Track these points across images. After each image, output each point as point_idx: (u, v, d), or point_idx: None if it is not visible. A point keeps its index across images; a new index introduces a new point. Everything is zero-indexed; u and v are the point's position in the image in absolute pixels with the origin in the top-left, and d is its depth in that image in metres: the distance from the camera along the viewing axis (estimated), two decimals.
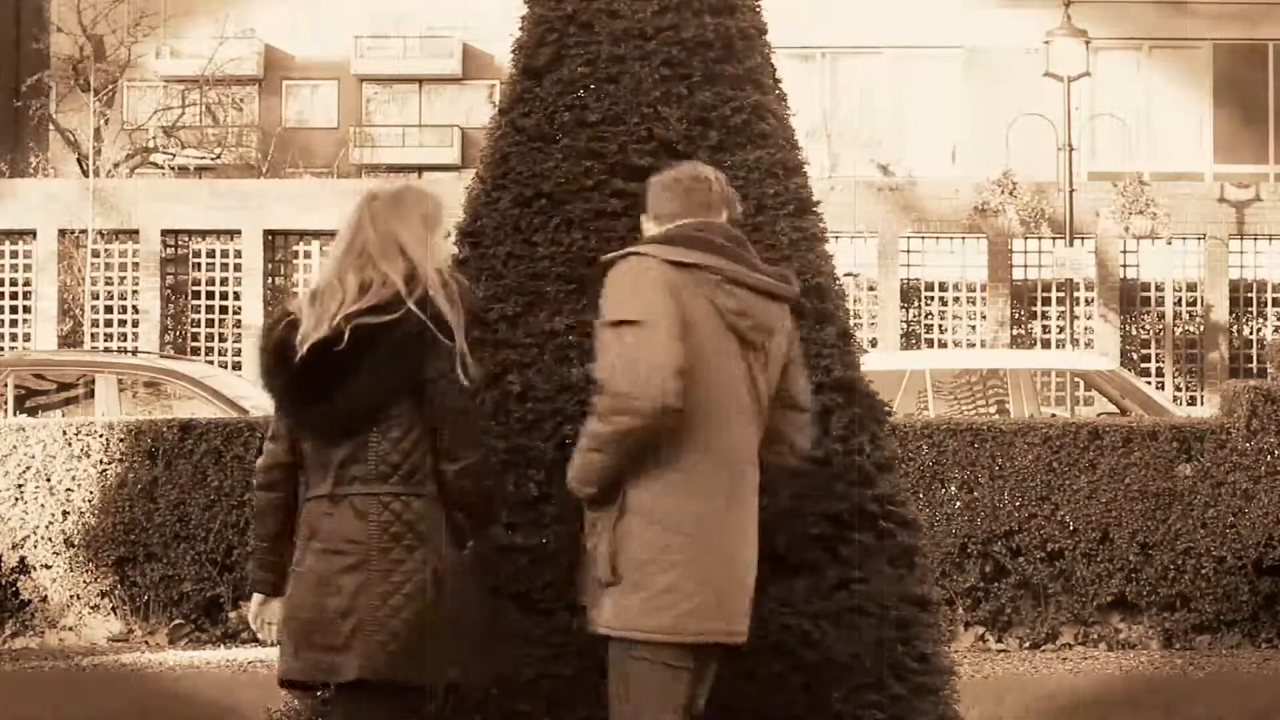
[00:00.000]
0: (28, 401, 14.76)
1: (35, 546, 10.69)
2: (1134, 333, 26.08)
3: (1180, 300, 26.04)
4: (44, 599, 10.73)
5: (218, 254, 26.67)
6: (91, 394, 14.69)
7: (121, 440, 10.63)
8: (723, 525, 4.60)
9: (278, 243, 26.68)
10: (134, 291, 26.55)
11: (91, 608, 10.68)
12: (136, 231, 26.50)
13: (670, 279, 4.56)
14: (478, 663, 4.79)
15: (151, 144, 35.55)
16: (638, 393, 4.44)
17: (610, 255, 4.72)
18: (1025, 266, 26.09)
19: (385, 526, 4.61)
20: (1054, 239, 25.20)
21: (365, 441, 4.65)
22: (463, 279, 4.83)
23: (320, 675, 4.72)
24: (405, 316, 4.60)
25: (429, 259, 4.71)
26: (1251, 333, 26.12)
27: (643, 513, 4.55)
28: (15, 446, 10.69)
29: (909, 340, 25.78)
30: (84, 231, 26.21)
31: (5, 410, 14.31)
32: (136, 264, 26.57)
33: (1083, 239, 25.09)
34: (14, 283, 26.75)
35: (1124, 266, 25.94)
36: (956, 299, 26.05)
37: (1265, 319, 26.08)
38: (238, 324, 26.22)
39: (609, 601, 4.57)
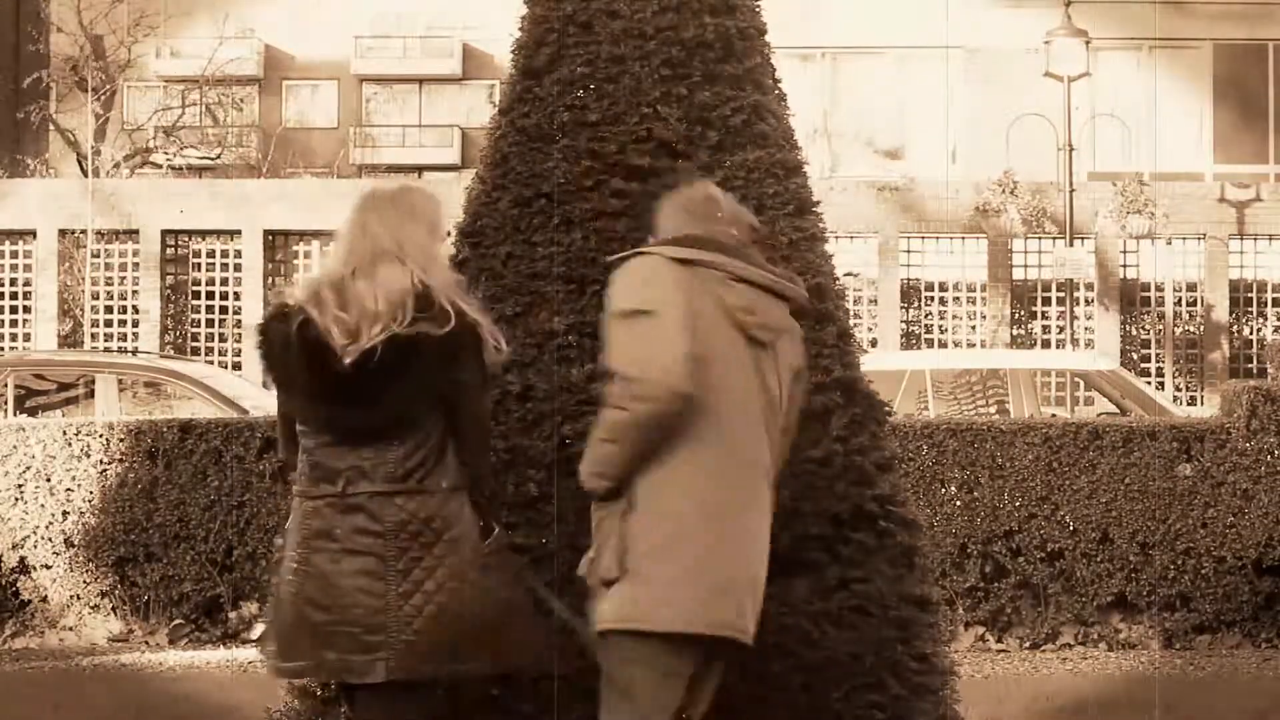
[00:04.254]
0: (28, 401, 14.76)
1: (35, 546, 10.68)
2: (1134, 333, 26.08)
3: (1180, 300, 26.03)
4: (44, 599, 10.72)
5: (218, 254, 26.66)
6: (91, 394, 14.68)
7: (121, 440, 10.62)
8: (732, 520, 4.57)
9: (278, 243, 26.68)
10: (134, 291, 26.55)
11: (91, 608, 10.67)
12: (136, 231, 26.50)
13: (677, 274, 4.58)
14: (504, 652, 4.78)
15: (151, 144, 35.55)
16: (651, 378, 4.46)
17: (617, 256, 4.74)
18: (1025, 266, 26.09)
19: (401, 526, 4.64)
20: (1054, 239, 25.20)
21: (386, 445, 4.67)
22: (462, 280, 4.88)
23: (348, 678, 4.73)
24: (452, 327, 4.64)
25: (433, 262, 4.74)
26: (1251, 333, 26.11)
27: (651, 506, 4.52)
28: (15, 446, 10.68)
29: (909, 340, 25.78)
30: (84, 231, 26.21)
31: (5, 410, 14.31)
32: (136, 264, 26.57)
33: (1083, 239, 25.09)
34: (14, 283, 26.75)
35: (1124, 266, 25.93)
36: (956, 299, 26.05)
37: (1265, 319, 26.08)
38: (238, 324, 26.21)
39: (612, 597, 4.54)
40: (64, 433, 10.72)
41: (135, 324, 26.41)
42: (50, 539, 10.65)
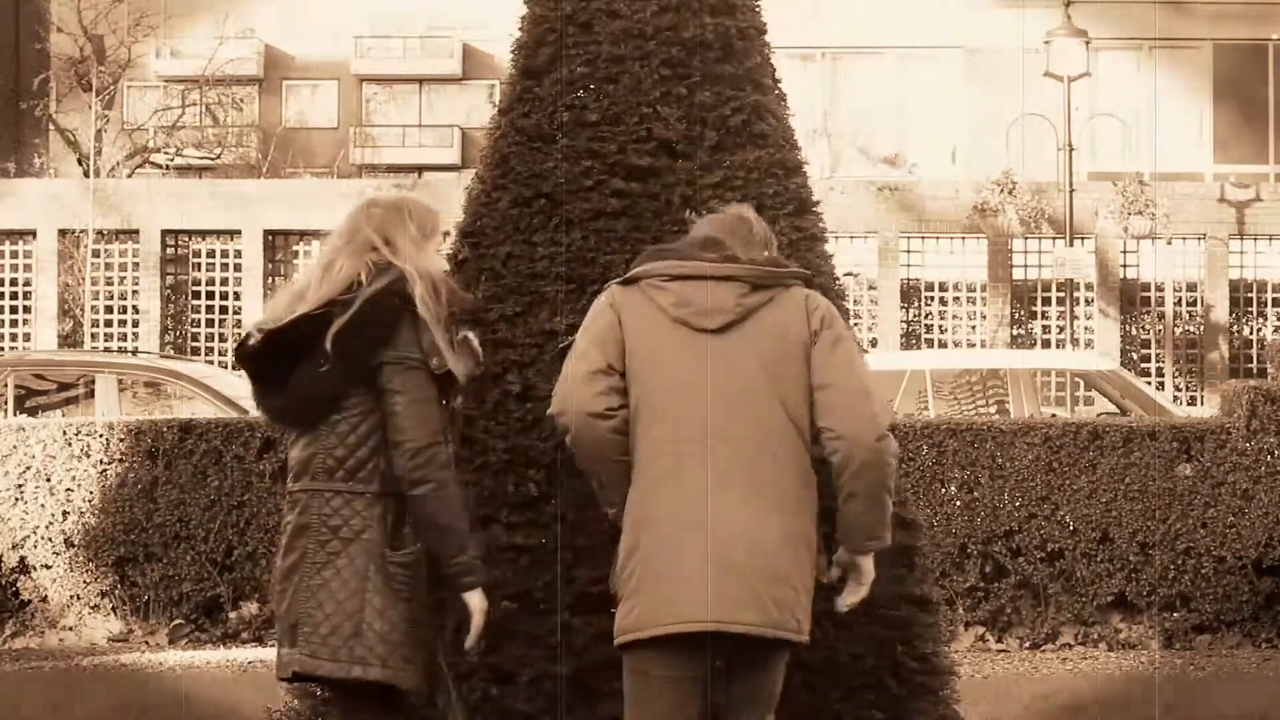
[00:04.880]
0: (28, 401, 14.76)
1: (35, 546, 10.69)
2: (1134, 333, 26.07)
3: (1180, 300, 26.03)
4: (44, 599, 10.73)
5: (218, 254, 26.65)
6: (91, 394, 14.69)
7: (121, 440, 10.62)
8: (695, 511, 4.49)
9: (278, 243, 26.67)
10: (134, 291, 26.54)
11: (91, 608, 10.68)
12: (136, 231, 26.49)
13: (614, 299, 4.66)
14: (408, 667, 4.66)
15: (151, 144, 35.54)
16: (562, 405, 4.60)
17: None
18: (1025, 266, 26.07)
19: (323, 521, 4.62)
20: (1054, 239, 25.20)
21: (316, 436, 4.67)
22: (454, 285, 4.85)
23: (279, 670, 4.76)
24: (361, 306, 4.60)
25: (420, 258, 4.72)
26: (1251, 333, 26.10)
27: (624, 520, 4.59)
28: (15, 446, 10.69)
29: (909, 340, 25.77)
30: (84, 231, 26.21)
31: (5, 410, 14.31)
32: (136, 264, 26.56)
33: (1083, 239, 25.08)
34: (14, 283, 26.74)
35: (1124, 266, 25.92)
36: (956, 299, 26.04)
37: (1265, 319, 26.07)
38: (238, 324, 26.20)
39: None
40: (64, 433, 10.72)
41: (135, 324, 26.40)
42: (50, 539, 10.66)
